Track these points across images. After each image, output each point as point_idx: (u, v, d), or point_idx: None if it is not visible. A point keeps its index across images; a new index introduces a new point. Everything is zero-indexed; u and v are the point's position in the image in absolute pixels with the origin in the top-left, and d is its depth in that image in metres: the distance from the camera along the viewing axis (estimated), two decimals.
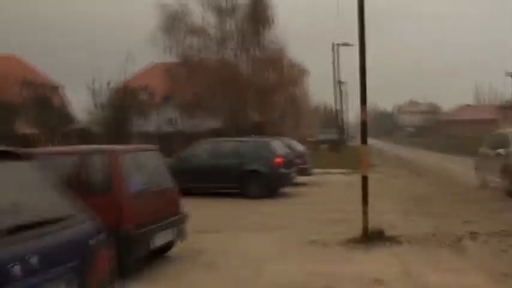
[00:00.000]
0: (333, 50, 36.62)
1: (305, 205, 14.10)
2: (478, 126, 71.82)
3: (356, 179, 13.44)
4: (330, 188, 18.43)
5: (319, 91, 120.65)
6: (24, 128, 33.44)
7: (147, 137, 29.34)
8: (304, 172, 19.59)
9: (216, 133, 33.80)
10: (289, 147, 19.16)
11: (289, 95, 37.46)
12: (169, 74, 36.71)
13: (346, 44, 36.17)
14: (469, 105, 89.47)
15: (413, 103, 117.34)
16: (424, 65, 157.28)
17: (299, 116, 40.81)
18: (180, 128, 36.14)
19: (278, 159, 15.89)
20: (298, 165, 17.87)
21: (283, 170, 16.02)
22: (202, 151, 16.66)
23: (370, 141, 59.61)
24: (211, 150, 16.60)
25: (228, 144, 16.71)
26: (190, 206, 8.83)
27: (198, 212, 10.00)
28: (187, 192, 10.73)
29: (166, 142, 28.53)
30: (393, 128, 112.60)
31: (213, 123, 37.82)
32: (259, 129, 36.59)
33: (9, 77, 53.94)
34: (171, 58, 36.22)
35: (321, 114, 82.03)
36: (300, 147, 22.15)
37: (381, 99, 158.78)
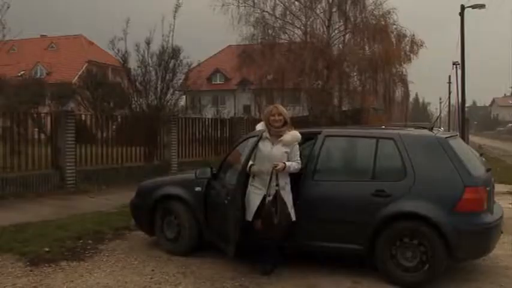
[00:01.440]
0: (461, 13, 25.08)
1: None
2: None
3: None
4: None
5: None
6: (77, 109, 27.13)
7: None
8: None
9: (301, 122, 24.00)
10: None
11: (397, 75, 26.62)
12: (245, 54, 26.93)
13: (479, 6, 24.90)
14: None
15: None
16: None
17: (407, 102, 29.92)
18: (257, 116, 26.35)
19: (478, 191, 5.72)
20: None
21: (486, 217, 5.79)
22: None
23: (472, 138, 47.66)
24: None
25: (344, 142, 6.69)
26: None
27: None
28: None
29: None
30: (491, 123, 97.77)
31: (297, 110, 27.94)
32: (356, 120, 26.40)
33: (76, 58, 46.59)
34: (246, 28, 26.38)
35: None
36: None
37: (474, 92, 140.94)
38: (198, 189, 6.86)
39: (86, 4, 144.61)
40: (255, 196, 6.07)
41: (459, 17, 26.17)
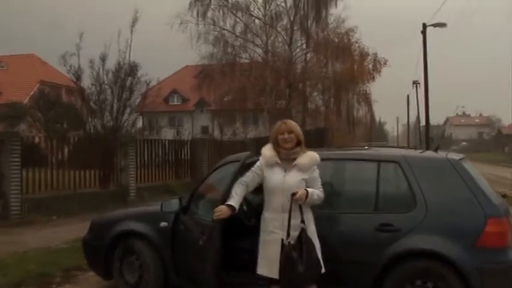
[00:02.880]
0: (423, 32, 24.71)
1: None
2: None
3: None
4: None
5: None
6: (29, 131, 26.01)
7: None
8: None
9: (264, 143, 23.00)
10: None
11: (361, 94, 26.06)
12: (203, 73, 25.99)
13: (440, 25, 24.58)
14: None
15: (465, 116, 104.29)
16: (478, 78, 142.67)
17: (371, 122, 29.36)
18: (218, 137, 25.34)
19: (501, 223, 4.75)
20: None
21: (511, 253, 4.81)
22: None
23: None
24: None
25: (338, 167, 5.56)
26: None
27: None
28: None
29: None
30: (443, 141, 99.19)
31: (259, 131, 27.07)
32: (319, 140, 25.59)
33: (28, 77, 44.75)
34: (205, 47, 25.40)
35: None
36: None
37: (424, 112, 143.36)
38: (163, 224, 5.69)
39: (41, 20, 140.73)
40: (271, 244, 4.62)
41: (409, 37, 25.81)
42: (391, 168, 5.22)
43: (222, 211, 4.61)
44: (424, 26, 24.61)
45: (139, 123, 21.72)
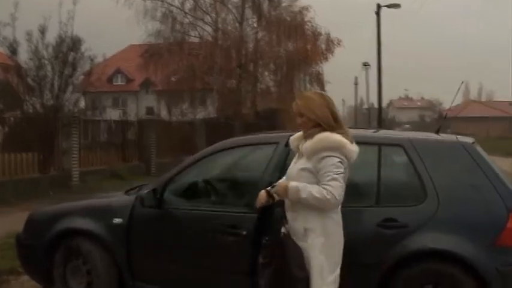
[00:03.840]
0: (377, 12, 24.17)
1: None
2: (489, 124, 62.34)
3: None
4: None
5: None
6: None
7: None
8: None
9: (212, 124, 22.12)
10: None
11: (314, 74, 25.34)
12: (150, 52, 24.63)
13: (394, 6, 24.09)
14: (474, 101, 78.79)
15: (408, 99, 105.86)
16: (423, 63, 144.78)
17: None
18: (166, 118, 24.17)
19: None
20: None
21: None
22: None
23: None
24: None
25: None
26: None
27: None
28: None
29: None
30: (388, 124, 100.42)
31: (208, 111, 26.00)
32: (271, 122, 24.82)
33: None
34: (152, 24, 24.00)
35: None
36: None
37: (372, 94, 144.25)
38: (117, 221, 4.64)
39: None
40: None
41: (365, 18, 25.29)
42: (394, 152, 4.36)
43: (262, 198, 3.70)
44: (379, 6, 24.08)
45: (82, 103, 20.25)
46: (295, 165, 3.69)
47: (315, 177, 3.50)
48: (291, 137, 3.83)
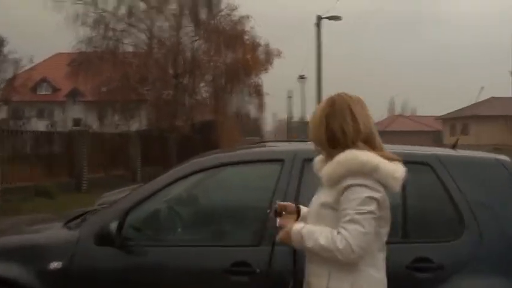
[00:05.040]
0: (317, 24, 23.66)
1: None
2: (415, 138, 63.81)
3: None
4: None
5: None
6: None
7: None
8: None
9: (146, 137, 20.82)
10: None
11: (252, 86, 24.50)
12: (79, 60, 23.04)
13: (335, 18, 23.67)
14: (400, 115, 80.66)
15: None
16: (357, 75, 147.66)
17: (262, 115, 27.99)
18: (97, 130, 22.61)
19: None
20: None
21: None
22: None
23: None
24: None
25: None
26: None
27: None
28: None
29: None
30: None
31: (143, 124, 24.60)
32: (207, 134, 23.77)
33: None
34: (83, 30, 22.41)
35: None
36: None
37: (296, 108, 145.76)
38: (55, 265, 3.41)
39: None
40: None
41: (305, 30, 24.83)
42: (419, 173, 3.40)
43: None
44: (319, 18, 23.59)
45: (3, 113, 18.42)
46: (317, 197, 2.65)
47: (333, 213, 2.49)
48: (316, 159, 2.76)
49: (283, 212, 2.72)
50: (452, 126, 57.45)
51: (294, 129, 75.11)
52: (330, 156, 2.55)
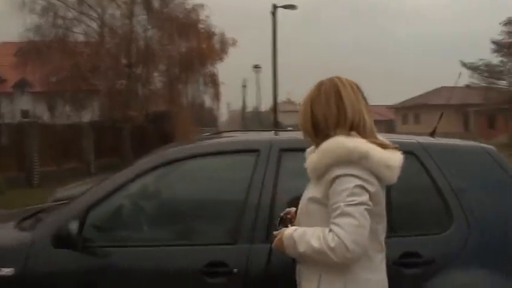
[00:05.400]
0: (273, 13, 23.47)
1: None
2: None
3: None
4: None
5: None
6: None
7: None
8: None
9: (98, 128, 20.22)
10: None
11: (208, 76, 24.10)
12: (26, 49, 22.11)
13: (290, 7, 23.51)
14: None
15: (290, 102, 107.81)
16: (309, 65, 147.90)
17: (218, 104, 27.60)
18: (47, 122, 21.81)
19: None
20: None
21: None
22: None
23: None
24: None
25: None
26: None
27: None
28: None
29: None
30: (272, 127, 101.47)
31: (93, 114, 23.86)
32: (163, 125, 23.30)
33: None
34: (31, 18, 21.52)
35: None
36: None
37: (250, 98, 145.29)
38: (6, 271, 3.02)
39: None
40: None
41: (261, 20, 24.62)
42: (405, 162, 3.18)
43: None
44: (275, 6, 23.36)
45: None
46: (305, 193, 2.39)
47: (323, 208, 2.23)
48: (308, 150, 2.49)
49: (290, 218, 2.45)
50: (404, 115, 58.51)
51: (248, 120, 75.01)
52: (318, 146, 2.30)
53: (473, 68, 35.28)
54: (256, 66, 36.88)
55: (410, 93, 62.47)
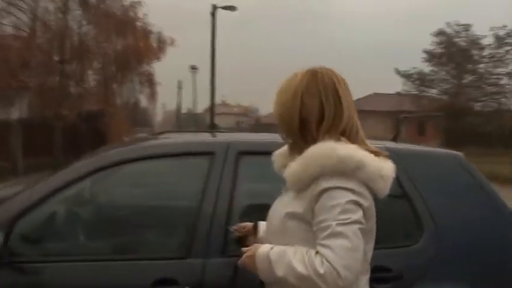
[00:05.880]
0: (212, 14, 23.09)
1: None
2: None
3: None
4: None
5: None
6: None
7: None
8: None
9: (27, 126, 19.24)
10: None
11: (144, 75, 23.43)
12: None
13: (230, 8, 23.22)
14: None
15: (225, 105, 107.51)
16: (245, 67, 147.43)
17: (155, 104, 26.91)
18: None
19: None
20: None
21: None
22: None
23: None
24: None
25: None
26: None
27: None
28: None
29: None
30: (208, 129, 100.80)
31: (22, 111, 22.68)
32: (97, 124, 22.45)
33: None
34: None
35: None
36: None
37: (185, 99, 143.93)
38: None
39: None
40: None
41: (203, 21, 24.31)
42: None
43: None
44: (214, 7, 23.01)
45: None
46: (279, 205, 2.03)
47: (304, 226, 1.90)
48: (275, 152, 2.15)
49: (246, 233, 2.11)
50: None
51: (182, 121, 74.01)
52: (298, 149, 1.96)
53: (406, 75, 36.23)
54: (193, 67, 36.35)
55: None
